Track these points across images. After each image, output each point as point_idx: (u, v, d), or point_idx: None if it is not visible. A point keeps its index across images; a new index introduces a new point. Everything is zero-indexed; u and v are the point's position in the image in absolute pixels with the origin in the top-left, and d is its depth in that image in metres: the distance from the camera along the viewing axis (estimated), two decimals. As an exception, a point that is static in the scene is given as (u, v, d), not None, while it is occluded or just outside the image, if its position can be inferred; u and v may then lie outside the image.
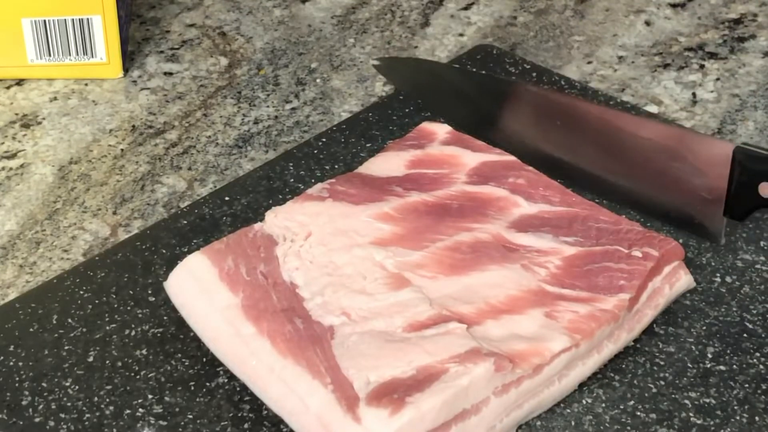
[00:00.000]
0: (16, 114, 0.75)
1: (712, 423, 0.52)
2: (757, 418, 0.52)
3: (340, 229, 0.57)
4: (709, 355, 0.55)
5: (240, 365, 0.52)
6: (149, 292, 0.59)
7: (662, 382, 0.54)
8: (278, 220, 0.58)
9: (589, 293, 0.54)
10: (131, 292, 0.59)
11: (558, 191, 0.61)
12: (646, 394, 0.53)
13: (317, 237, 0.57)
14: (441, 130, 0.65)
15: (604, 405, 0.53)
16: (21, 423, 0.52)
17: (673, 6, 0.85)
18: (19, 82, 0.78)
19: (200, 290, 0.54)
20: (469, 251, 0.57)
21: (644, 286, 0.55)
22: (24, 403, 0.53)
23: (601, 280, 0.55)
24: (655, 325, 0.57)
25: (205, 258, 0.55)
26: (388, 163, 0.63)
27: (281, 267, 0.56)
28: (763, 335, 0.56)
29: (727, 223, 0.61)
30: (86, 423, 0.52)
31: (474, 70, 0.73)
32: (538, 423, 0.52)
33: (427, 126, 0.66)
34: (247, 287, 0.54)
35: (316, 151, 0.68)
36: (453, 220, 0.59)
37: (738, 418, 0.52)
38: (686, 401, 0.53)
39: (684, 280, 0.57)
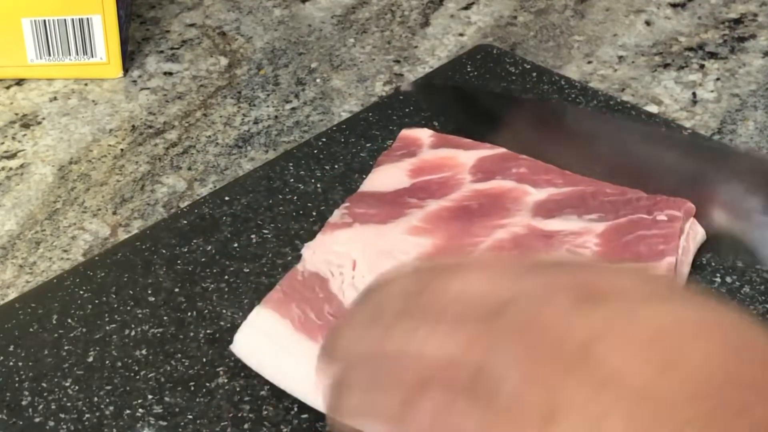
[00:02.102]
0: (16, 114, 0.75)
1: (712, 423, 0.52)
2: (757, 418, 0.52)
3: (382, 251, 0.57)
4: (709, 355, 0.55)
5: None
6: (149, 292, 0.59)
7: (662, 382, 0.54)
8: (317, 255, 0.57)
9: (638, 264, 0.55)
10: (131, 292, 0.59)
11: (558, 174, 0.62)
12: (646, 394, 0.53)
13: (363, 264, 0.56)
14: (424, 134, 0.66)
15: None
16: (21, 423, 0.52)
17: (673, 6, 0.85)
18: (19, 82, 0.78)
19: (278, 347, 0.53)
20: (512, 247, 0.57)
21: (678, 246, 0.56)
22: (24, 403, 0.53)
23: (642, 248, 0.56)
24: (655, 325, 0.57)
25: (269, 312, 0.54)
26: (389, 177, 0.63)
27: (345, 303, 0.54)
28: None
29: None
30: (86, 423, 0.52)
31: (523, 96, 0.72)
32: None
33: (409, 133, 0.66)
34: (325, 332, 0.53)
35: (316, 151, 0.68)
36: (481, 220, 0.59)
37: (738, 418, 0.52)
38: (686, 401, 0.53)
39: (700, 233, 0.58)
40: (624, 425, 0.33)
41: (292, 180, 0.66)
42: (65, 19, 0.76)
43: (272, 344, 0.53)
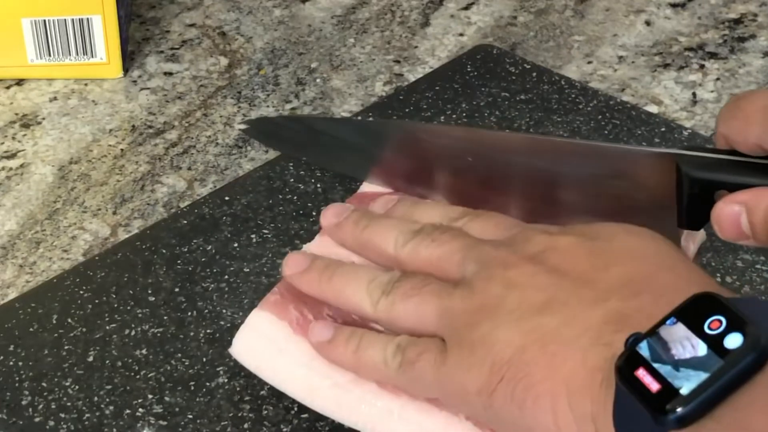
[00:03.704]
0: (16, 114, 0.75)
1: (712, 423, 0.52)
2: (757, 418, 0.52)
3: None
4: (709, 355, 0.55)
5: (349, 415, 0.50)
6: (149, 292, 0.59)
7: (662, 382, 0.54)
8: None
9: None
10: (131, 292, 0.59)
11: None
12: (646, 394, 0.53)
13: (362, 263, 0.55)
14: None
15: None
16: (21, 423, 0.52)
17: (673, 6, 0.85)
18: (19, 82, 0.78)
19: (277, 349, 0.52)
20: None
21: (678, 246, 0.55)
22: (24, 402, 0.53)
23: None
24: (655, 325, 0.57)
25: (267, 314, 0.53)
26: None
27: None
28: (763, 335, 0.56)
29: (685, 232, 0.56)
30: (86, 423, 0.52)
31: (360, 118, 0.70)
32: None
33: None
34: None
35: (316, 151, 0.68)
36: None
37: (738, 418, 0.52)
38: (686, 401, 0.53)
39: (700, 233, 0.57)
40: (566, 297, 0.45)
41: (292, 180, 0.66)
42: (65, 19, 0.76)
43: (271, 347, 0.52)
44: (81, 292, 0.59)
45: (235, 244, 0.62)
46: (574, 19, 0.84)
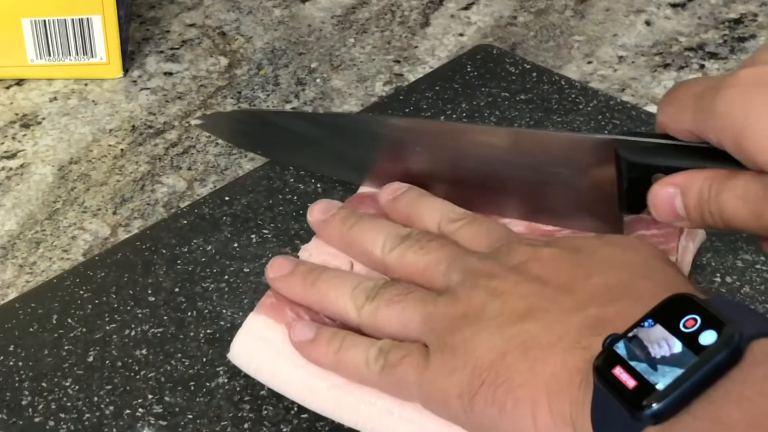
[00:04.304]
0: (16, 114, 0.75)
1: (712, 423, 0.52)
2: (757, 418, 0.52)
3: None
4: (709, 355, 0.55)
5: (349, 415, 0.50)
6: (149, 292, 0.59)
7: (662, 382, 0.54)
8: (314, 257, 0.56)
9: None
10: (131, 292, 0.59)
11: None
12: (646, 394, 0.53)
13: (361, 265, 0.55)
14: None
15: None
16: (21, 423, 0.52)
17: (673, 6, 0.85)
18: (19, 82, 0.78)
19: (274, 352, 0.52)
20: None
21: (677, 246, 0.56)
22: (24, 403, 0.53)
23: None
24: (655, 325, 0.57)
25: (264, 317, 0.53)
26: None
27: None
28: (763, 335, 0.56)
29: (625, 217, 0.57)
30: (86, 423, 0.52)
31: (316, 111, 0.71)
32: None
33: None
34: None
35: (316, 151, 0.68)
36: None
37: (738, 418, 0.52)
38: (686, 401, 0.53)
39: (700, 233, 0.58)
40: (547, 305, 0.46)
41: (292, 180, 0.66)
42: (65, 19, 0.76)
43: (269, 349, 0.52)
44: (81, 292, 0.59)
45: (235, 244, 0.62)
46: (574, 19, 0.84)
